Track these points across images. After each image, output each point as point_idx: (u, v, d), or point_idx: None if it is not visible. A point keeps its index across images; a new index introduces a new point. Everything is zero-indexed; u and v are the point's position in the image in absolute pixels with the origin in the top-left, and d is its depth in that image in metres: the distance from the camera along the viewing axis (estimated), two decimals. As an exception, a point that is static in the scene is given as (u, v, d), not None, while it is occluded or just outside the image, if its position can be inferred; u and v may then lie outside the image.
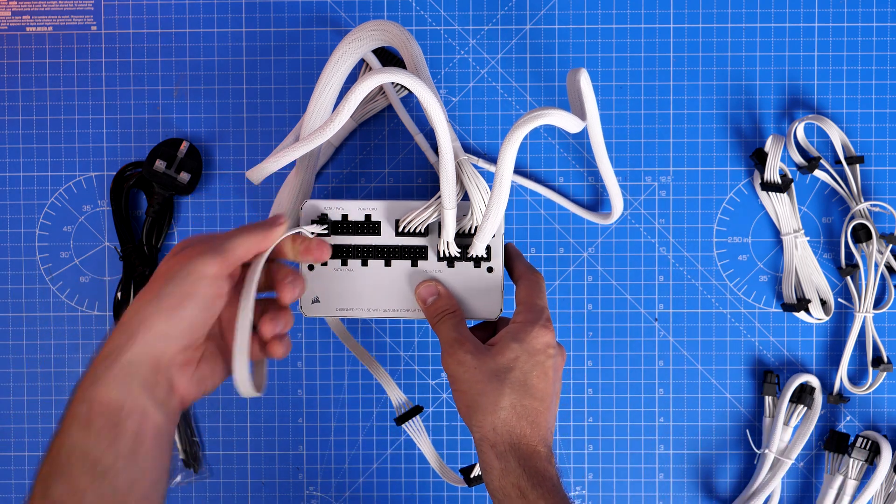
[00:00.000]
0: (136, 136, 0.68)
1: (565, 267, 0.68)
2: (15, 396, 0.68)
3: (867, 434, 0.65)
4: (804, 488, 0.68)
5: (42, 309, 0.68)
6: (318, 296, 0.61)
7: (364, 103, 0.67)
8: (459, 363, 0.53)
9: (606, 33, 0.68)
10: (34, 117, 0.68)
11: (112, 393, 0.46)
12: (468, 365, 0.53)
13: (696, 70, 0.68)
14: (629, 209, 0.68)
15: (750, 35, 0.67)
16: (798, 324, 0.68)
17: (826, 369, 0.68)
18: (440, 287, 0.58)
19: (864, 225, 0.65)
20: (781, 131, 0.67)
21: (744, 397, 0.68)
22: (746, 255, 0.68)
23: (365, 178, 0.68)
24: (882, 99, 0.67)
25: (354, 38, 0.58)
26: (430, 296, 0.58)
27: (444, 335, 0.56)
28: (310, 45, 0.68)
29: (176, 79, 0.68)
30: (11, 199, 0.68)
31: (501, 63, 0.68)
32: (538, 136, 0.68)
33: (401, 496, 0.68)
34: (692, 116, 0.68)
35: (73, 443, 0.45)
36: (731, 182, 0.68)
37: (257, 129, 0.68)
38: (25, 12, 0.68)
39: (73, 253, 0.68)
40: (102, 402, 0.46)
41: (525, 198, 0.68)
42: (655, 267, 0.68)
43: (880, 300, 0.67)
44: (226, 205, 0.68)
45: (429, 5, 0.68)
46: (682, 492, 0.68)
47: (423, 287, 0.58)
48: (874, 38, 0.67)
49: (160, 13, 0.68)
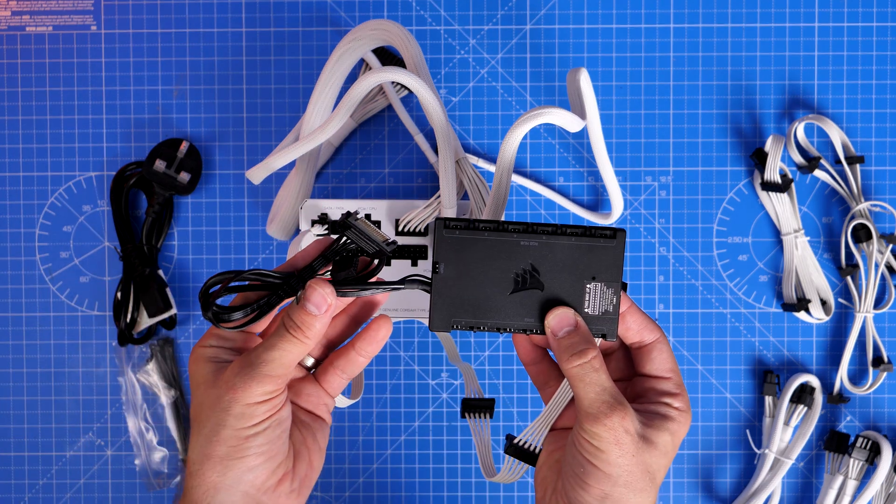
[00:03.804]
0: (136, 136, 0.68)
1: (565, 267, 0.68)
2: (15, 396, 0.68)
3: (867, 434, 0.65)
4: (804, 488, 0.68)
5: (42, 309, 0.68)
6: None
7: (364, 103, 0.67)
8: (617, 443, 0.42)
9: (606, 33, 0.68)
10: (34, 117, 0.68)
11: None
12: (626, 448, 0.42)
13: (696, 70, 0.68)
14: (629, 209, 0.68)
15: (750, 35, 0.67)
16: (798, 324, 0.68)
17: (826, 369, 0.68)
18: (579, 318, 0.45)
19: (865, 225, 0.65)
20: (781, 131, 0.67)
21: (744, 397, 0.68)
22: (746, 255, 0.68)
23: (365, 177, 0.68)
24: (882, 99, 0.67)
25: (354, 37, 0.58)
26: (564, 326, 0.44)
27: (588, 393, 0.43)
28: (310, 45, 0.68)
29: (176, 79, 0.68)
30: (11, 199, 0.68)
31: (501, 63, 0.68)
32: (538, 136, 0.68)
33: (401, 496, 0.68)
34: (692, 116, 0.68)
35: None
36: (731, 182, 0.68)
37: (257, 129, 0.68)
38: (25, 12, 0.68)
39: (73, 253, 0.68)
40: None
41: (525, 198, 0.68)
42: (655, 267, 0.68)
43: (880, 300, 0.67)
44: (226, 205, 0.68)
45: (429, 5, 0.68)
46: (682, 492, 0.68)
47: (557, 316, 0.44)
48: (874, 38, 0.67)
49: (160, 13, 0.68)
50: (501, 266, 0.44)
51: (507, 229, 0.44)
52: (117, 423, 0.68)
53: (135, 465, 0.68)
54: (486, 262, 0.44)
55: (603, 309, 0.45)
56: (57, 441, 0.68)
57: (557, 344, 0.44)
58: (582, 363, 0.43)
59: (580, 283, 0.44)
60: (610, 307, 0.45)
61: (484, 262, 0.44)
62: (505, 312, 0.45)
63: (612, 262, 0.44)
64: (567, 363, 0.43)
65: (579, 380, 0.43)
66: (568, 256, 0.44)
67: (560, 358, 0.44)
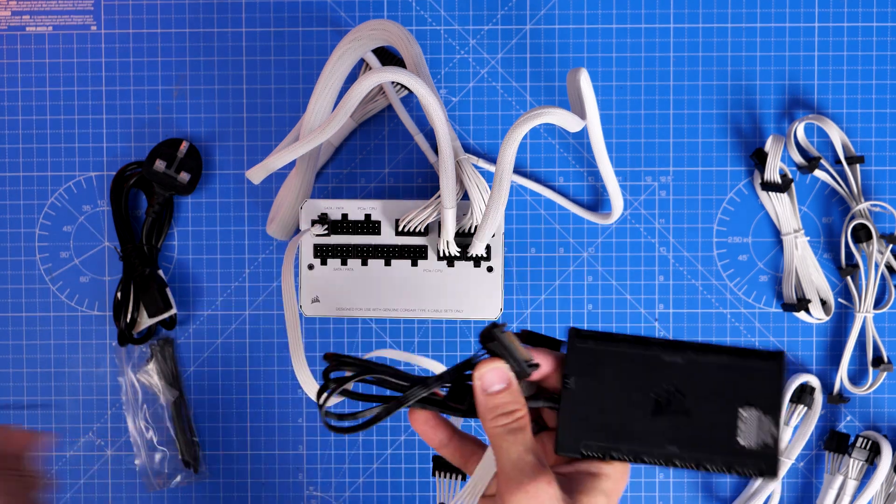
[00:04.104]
0: (136, 136, 0.68)
1: (565, 267, 0.68)
2: (15, 396, 0.68)
3: (867, 434, 0.65)
4: (804, 488, 0.68)
5: (42, 309, 0.68)
6: (318, 295, 0.61)
7: (364, 103, 0.67)
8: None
9: (606, 33, 0.68)
10: (34, 117, 0.68)
11: None
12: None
13: (696, 70, 0.68)
14: (629, 209, 0.68)
15: (750, 35, 0.67)
16: (798, 324, 0.68)
17: (826, 369, 0.68)
18: (512, 376, 0.41)
19: (865, 225, 0.65)
20: (781, 131, 0.67)
21: (744, 397, 0.68)
22: (746, 255, 0.68)
23: (365, 177, 0.68)
24: (882, 99, 0.67)
25: (354, 37, 0.58)
26: (495, 383, 0.41)
27: (513, 454, 0.40)
28: (310, 45, 0.68)
29: (176, 79, 0.68)
30: (11, 199, 0.68)
31: (501, 63, 0.68)
32: (538, 136, 0.68)
33: (401, 496, 0.68)
34: (692, 116, 0.68)
35: None
36: (731, 182, 0.68)
37: (257, 129, 0.68)
38: (25, 12, 0.68)
39: (73, 253, 0.68)
40: None
41: (525, 198, 0.68)
42: (655, 267, 0.68)
43: (880, 300, 0.67)
44: (226, 205, 0.68)
45: (429, 5, 0.68)
46: (682, 492, 0.68)
47: (489, 370, 0.41)
48: (874, 38, 0.67)
49: (160, 13, 0.68)
50: (641, 384, 0.40)
51: (647, 342, 0.40)
52: (117, 423, 0.68)
53: (135, 465, 0.68)
54: (624, 378, 0.40)
55: (760, 441, 0.39)
56: (57, 441, 0.68)
57: (486, 401, 0.40)
58: (507, 423, 0.40)
59: (733, 410, 0.39)
60: (769, 439, 0.39)
61: (621, 379, 0.40)
62: (645, 438, 0.40)
63: (769, 388, 0.39)
64: (491, 422, 0.40)
65: (501, 439, 0.40)
66: (718, 378, 0.39)
67: (485, 417, 0.40)
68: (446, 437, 0.44)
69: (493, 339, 0.40)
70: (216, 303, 0.68)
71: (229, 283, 0.68)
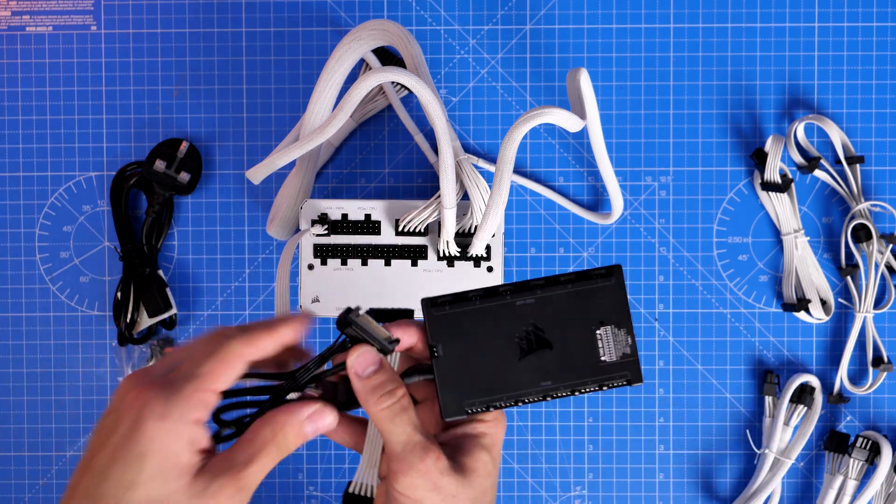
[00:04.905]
0: (136, 136, 0.68)
1: (565, 267, 0.68)
2: (15, 396, 0.68)
3: (867, 434, 0.65)
4: (804, 488, 0.68)
5: (42, 309, 0.68)
6: (318, 295, 0.61)
7: (364, 103, 0.67)
8: (435, 488, 0.40)
9: (606, 33, 0.68)
10: (34, 117, 0.68)
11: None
12: (446, 492, 0.40)
13: (696, 70, 0.68)
14: (629, 209, 0.68)
15: (750, 35, 0.67)
16: (798, 324, 0.68)
17: (826, 369, 0.68)
18: (382, 357, 0.42)
19: (865, 225, 0.65)
20: (781, 131, 0.67)
21: (744, 397, 0.68)
22: (746, 255, 0.68)
23: (365, 177, 0.68)
24: (882, 99, 0.67)
25: (354, 37, 0.58)
26: (368, 366, 0.41)
27: (402, 437, 0.40)
28: (310, 45, 0.68)
29: (176, 79, 0.68)
30: (11, 199, 0.68)
31: (501, 63, 0.68)
32: (538, 136, 0.68)
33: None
34: (692, 116, 0.68)
35: None
36: (731, 182, 0.68)
37: (257, 129, 0.68)
38: (25, 12, 0.68)
39: (73, 253, 0.68)
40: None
41: (525, 198, 0.68)
42: (655, 267, 0.68)
43: (880, 300, 0.67)
44: (226, 205, 0.68)
45: (429, 5, 0.68)
46: (682, 492, 0.68)
47: (358, 354, 0.41)
48: (874, 38, 0.67)
49: (160, 13, 0.68)
50: (502, 333, 0.42)
51: (497, 292, 0.42)
52: (117, 423, 0.68)
53: (135, 465, 0.68)
54: (486, 332, 0.42)
55: (620, 353, 0.43)
56: (57, 441, 0.68)
57: (363, 385, 0.41)
58: (391, 404, 0.40)
59: (589, 332, 0.42)
60: (627, 349, 0.43)
61: (483, 333, 0.42)
62: (519, 381, 0.42)
63: (615, 302, 0.42)
64: (375, 405, 0.40)
65: (388, 422, 0.40)
66: (568, 306, 0.42)
67: (366, 401, 0.41)
68: (348, 426, 0.45)
69: (349, 325, 0.41)
70: (216, 303, 0.68)
71: (229, 283, 0.68)
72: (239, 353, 0.40)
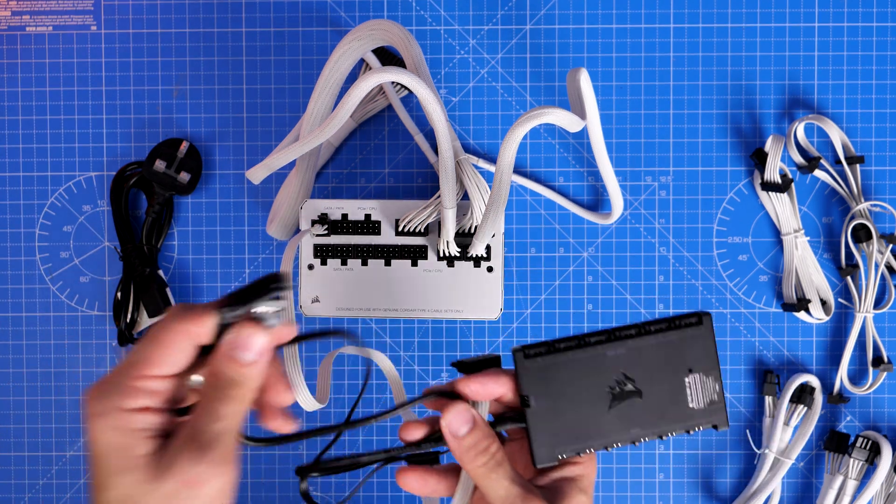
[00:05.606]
0: (136, 136, 0.68)
1: (565, 267, 0.68)
2: (15, 396, 0.68)
3: (867, 434, 0.65)
4: (804, 488, 0.68)
5: (42, 309, 0.68)
6: (318, 295, 0.61)
7: (364, 103, 0.67)
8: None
9: (606, 33, 0.68)
10: (34, 117, 0.68)
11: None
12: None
13: (696, 70, 0.68)
14: (629, 209, 0.68)
15: (750, 35, 0.67)
16: (798, 324, 0.68)
17: (826, 369, 0.68)
18: (475, 413, 0.42)
19: (865, 225, 0.65)
20: (781, 131, 0.67)
21: (744, 397, 0.68)
22: (746, 255, 0.68)
23: (365, 177, 0.68)
24: (882, 99, 0.67)
25: (354, 37, 0.58)
26: (462, 425, 0.41)
27: (501, 491, 0.41)
28: (310, 45, 0.68)
29: (176, 79, 0.68)
30: (11, 199, 0.68)
31: (501, 63, 0.68)
32: (538, 136, 0.68)
33: (401, 496, 0.68)
34: (692, 116, 0.68)
35: None
36: (731, 182, 0.68)
37: (257, 129, 0.68)
38: (25, 12, 0.68)
39: (73, 253, 0.68)
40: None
41: (525, 198, 0.68)
42: (655, 267, 0.68)
43: (880, 300, 0.67)
44: (226, 205, 0.68)
45: (429, 5, 0.68)
46: (682, 492, 0.68)
47: (454, 413, 0.41)
48: (874, 38, 0.67)
49: (160, 13, 0.68)
50: (593, 382, 0.42)
51: (589, 343, 0.42)
52: (117, 423, 0.68)
53: (135, 465, 0.68)
54: (577, 382, 0.42)
55: (708, 399, 0.43)
56: (57, 441, 0.68)
57: (458, 445, 0.41)
58: (486, 462, 0.41)
59: (679, 380, 0.43)
60: (714, 395, 0.43)
61: (574, 383, 0.42)
62: (609, 429, 0.42)
63: (705, 350, 0.43)
64: (471, 463, 0.41)
65: (485, 478, 0.41)
66: (658, 355, 0.43)
67: (463, 459, 0.41)
68: (436, 480, 0.45)
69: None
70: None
71: (229, 283, 0.68)
72: (183, 332, 0.39)
